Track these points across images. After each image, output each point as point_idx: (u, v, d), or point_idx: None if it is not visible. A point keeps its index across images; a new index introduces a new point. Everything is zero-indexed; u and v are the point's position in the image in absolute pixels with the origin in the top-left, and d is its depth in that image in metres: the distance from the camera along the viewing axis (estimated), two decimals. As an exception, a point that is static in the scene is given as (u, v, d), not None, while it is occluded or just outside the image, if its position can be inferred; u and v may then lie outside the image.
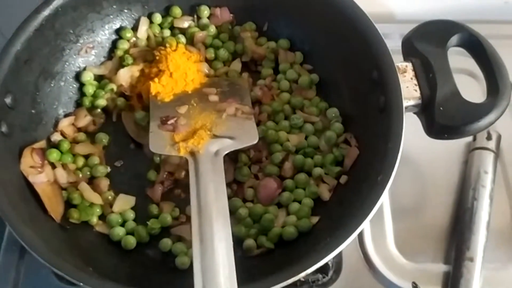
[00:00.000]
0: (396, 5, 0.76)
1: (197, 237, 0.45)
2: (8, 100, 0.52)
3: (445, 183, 0.63)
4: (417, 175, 0.64)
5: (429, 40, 0.54)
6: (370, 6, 0.58)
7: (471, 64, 0.56)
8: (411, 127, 0.51)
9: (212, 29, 0.64)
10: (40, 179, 0.52)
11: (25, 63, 0.54)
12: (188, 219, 0.55)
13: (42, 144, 0.55)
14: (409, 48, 0.55)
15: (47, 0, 0.56)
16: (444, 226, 0.60)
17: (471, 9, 0.74)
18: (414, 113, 0.53)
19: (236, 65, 0.63)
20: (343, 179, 0.55)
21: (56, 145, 0.57)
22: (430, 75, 0.52)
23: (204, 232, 0.46)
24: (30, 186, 0.52)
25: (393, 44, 0.55)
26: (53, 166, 0.55)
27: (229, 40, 0.65)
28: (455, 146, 0.64)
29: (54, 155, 0.55)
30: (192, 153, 0.53)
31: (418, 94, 0.52)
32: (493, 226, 0.58)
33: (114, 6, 0.61)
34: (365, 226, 0.47)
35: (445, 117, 0.50)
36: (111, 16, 0.62)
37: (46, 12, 0.56)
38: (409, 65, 0.53)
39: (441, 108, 0.50)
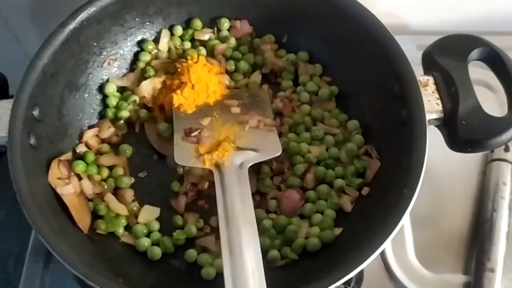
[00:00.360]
0: (411, 17, 0.77)
1: (227, 248, 0.46)
2: (36, 112, 0.53)
3: (464, 194, 0.63)
4: (436, 185, 0.65)
5: (450, 54, 0.55)
6: (385, 17, 0.59)
7: (487, 75, 0.57)
8: (429, 138, 0.52)
9: (232, 41, 0.65)
10: (68, 191, 0.53)
11: (51, 76, 0.55)
12: (213, 230, 0.56)
13: (68, 155, 0.56)
14: (430, 62, 0.55)
15: (72, 14, 0.57)
16: (463, 237, 0.61)
17: (486, 20, 0.75)
18: (436, 126, 0.54)
19: (256, 76, 0.64)
20: (365, 190, 0.56)
21: (81, 157, 0.57)
22: (452, 89, 0.52)
23: (233, 243, 0.46)
24: (58, 198, 0.52)
25: (409, 56, 0.56)
26: (79, 177, 0.56)
27: (249, 52, 0.66)
28: (473, 157, 0.65)
29: (80, 166, 0.56)
30: (217, 165, 0.54)
31: (440, 108, 0.53)
32: (513, 236, 0.58)
33: (137, 19, 0.62)
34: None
35: (468, 131, 0.51)
36: (134, 29, 0.63)
37: (72, 26, 0.56)
38: (430, 79, 0.54)
39: (463, 122, 0.51)
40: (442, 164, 0.64)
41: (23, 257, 0.73)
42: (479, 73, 0.57)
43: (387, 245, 0.59)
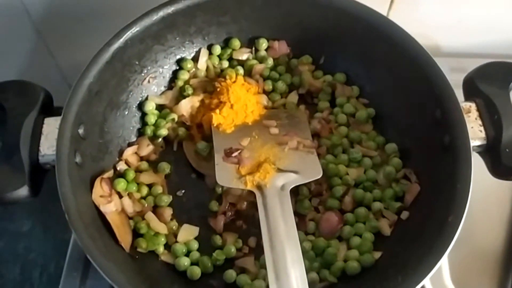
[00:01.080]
0: (443, 38, 0.78)
1: (272, 272, 0.46)
2: (81, 130, 0.54)
3: (499, 217, 0.64)
4: (470, 207, 0.65)
5: (492, 81, 0.55)
6: (417, 38, 0.59)
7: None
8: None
9: (270, 61, 0.66)
10: (110, 209, 0.54)
11: (96, 94, 0.56)
12: (251, 250, 0.56)
13: (110, 173, 0.56)
14: (472, 88, 0.56)
15: (117, 34, 0.57)
16: (499, 260, 0.61)
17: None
18: (478, 152, 0.54)
19: (293, 97, 0.65)
20: (404, 215, 0.56)
21: (122, 174, 0.58)
22: (495, 116, 0.53)
23: (278, 266, 0.47)
24: (100, 217, 0.53)
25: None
26: (119, 195, 0.56)
27: (286, 72, 0.66)
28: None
29: (121, 184, 0.56)
30: (259, 187, 0.54)
31: (483, 135, 0.53)
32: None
33: (177, 38, 0.63)
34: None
35: (512, 160, 0.51)
36: (174, 48, 0.64)
37: (117, 45, 0.57)
38: (473, 105, 0.55)
39: (507, 150, 0.51)
40: (477, 186, 0.63)
41: (48, 268, 0.74)
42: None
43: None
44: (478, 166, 0.55)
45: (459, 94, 0.57)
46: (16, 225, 0.76)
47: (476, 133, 0.53)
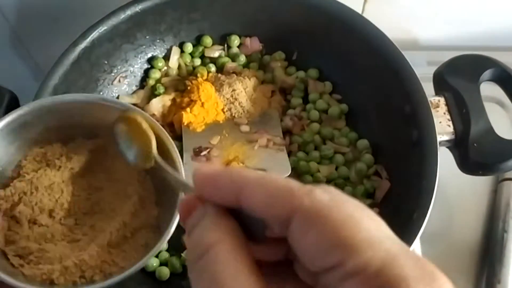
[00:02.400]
0: (421, 32, 0.77)
1: None
2: (47, 132, 0.53)
3: (474, 213, 0.63)
4: (445, 203, 0.64)
5: (461, 74, 0.54)
6: (395, 33, 0.59)
7: (501, 93, 0.56)
8: (439, 155, 0.51)
9: (242, 59, 0.65)
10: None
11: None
12: (221, 250, 0.55)
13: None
14: (441, 83, 0.55)
15: (83, 33, 0.57)
16: (473, 257, 0.60)
17: (496, 36, 0.75)
18: (447, 147, 0.54)
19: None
20: (374, 211, 0.55)
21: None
22: (464, 110, 0.52)
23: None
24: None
25: (419, 72, 0.56)
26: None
27: (258, 69, 0.66)
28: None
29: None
30: (226, 186, 0.54)
31: (451, 129, 0.52)
32: (524, 259, 0.58)
33: (147, 37, 0.62)
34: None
35: (480, 155, 0.50)
36: (144, 46, 0.63)
37: (83, 45, 0.57)
38: (441, 100, 0.54)
39: (475, 145, 0.51)
40: (452, 182, 0.63)
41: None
42: (493, 91, 0.57)
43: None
44: (454, 161, 0.54)
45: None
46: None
47: (444, 128, 0.52)
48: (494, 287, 0.56)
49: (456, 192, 0.64)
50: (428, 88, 0.56)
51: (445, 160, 0.54)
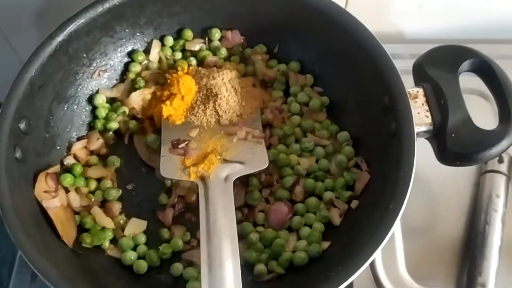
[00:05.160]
0: (405, 25, 0.76)
1: (206, 264, 0.46)
2: (22, 125, 0.53)
3: (457, 206, 0.62)
4: (428, 196, 0.64)
5: (440, 65, 0.54)
6: (379, 26, 0.58)
7: (481, 85, 0.56)
8: (422, 148, 0.51)
9: (223, 52, 0.65)
10: (54, 204, 0.53)
11: (39, 88, 0.55)
12: (199, 243, 0.55)
13: (56, 168, 0.56)
14: (420, 73, 0.55)
15: (60, 26, 0.57)
16: (455, 250, 0.60)
17: (480, 28, 0.74)
18: (426, 138, 0.53)
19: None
20: (354, 203, 0.55)
21: (69, 169, 0.57)
22: (442, 101, 0.52)
23: (213, 259, 0.46)
24: (43, 212, 0.52)
25: (403, 65, 0.56)
26: (67, 190, 0.56)
27: (240, 62, 0.65)
28: (467, 168, 0.62)
29: (68, 179, 0.55)
30: (203, 178, 0.53)
31: (429, 120, 0.52)
32: (506, 251, 0.57)
33: (127, 30, 0.62)
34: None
35: (457, 145, 0.50)
36: (124, 40, 0.63)
37: (60, 38, 0.56)
38: (420, 91, 0.53)
39: (453, 135, 0.50)
40: (434, 175, 0.63)
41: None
42: (474, 82, 0.57)
43: (377, 258, 0.59)
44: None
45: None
46: (-17, 223, 0.76)
47: (422, 118, 0.52)
48: (475, 279, 0.55)
49: (439, 185, 0.64)
50: (411, 80, 0.56)
51: (428, 153, 0.53)
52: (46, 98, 0.57)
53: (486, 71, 0.53)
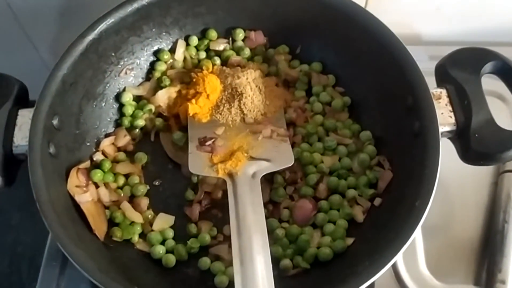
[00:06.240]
0: (424, 27, 0.78)
1: (238, 258, 0.47)
2: (55, 122, 0.54)
3: (475, 204, 0.64)
4: (447, 195, 0.65)
5: (463, 67, 0.55)
6: (398, 27, 0.59)
7: (501, 87, 0.57)
8: (441, 148, 0.52)
9: (247, 52, 0.66)
10: (85, 198, 0.54)
11: (70, 85, 0.56)
12: (226, 238, 0.56)
13: (86, 164, 0.57)
14: (443, 75, 0.56)
15: (92, 25, 0.58)
16: (474, 247, 0.61)
17: (498, 31, 0.75)
18: (448, 138, 0.55)
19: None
20: (377, 201, 0.56)
21: (98, 165, 0.58)
22: (465, 102, 0.53)
23: (244, 253, 0.47)
24: (75, 206, 0.53)
25: (422, 66, 0.57)
26: (96, 185, 0.57)
27: (263, 62, 0.66)
28: (485, 168, 0.65)
29: (98, 175, 0.57)
30: (230, 175, 0.55)
31: (453, 120, 0.53)
32: (524, 249, 0.59)
33: (154, 30, 0.63)
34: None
35: (481, 145, 0.51)
36: (150, 39, 0.64)
37: (91, 37, 0.58)
38: (443, 92, 0.55)
39: (476, 135, 0.51)
40: (453, 174, 0.64)
41: (37, 260, 0.74)
42: (493, 84, 0.58)
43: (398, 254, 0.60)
44: (455, 154, 0.55)
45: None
46: (4, 217, 0.77)
47: (446, 119, 0.53)
48: (495, 276, 0.57)
49: (457, 184, 0.65)
50: (430, 82, 0.57)
51: (446, 153, 0.54)
52: (76, 96, 0.58)
53: (508, 73, 0.55)
